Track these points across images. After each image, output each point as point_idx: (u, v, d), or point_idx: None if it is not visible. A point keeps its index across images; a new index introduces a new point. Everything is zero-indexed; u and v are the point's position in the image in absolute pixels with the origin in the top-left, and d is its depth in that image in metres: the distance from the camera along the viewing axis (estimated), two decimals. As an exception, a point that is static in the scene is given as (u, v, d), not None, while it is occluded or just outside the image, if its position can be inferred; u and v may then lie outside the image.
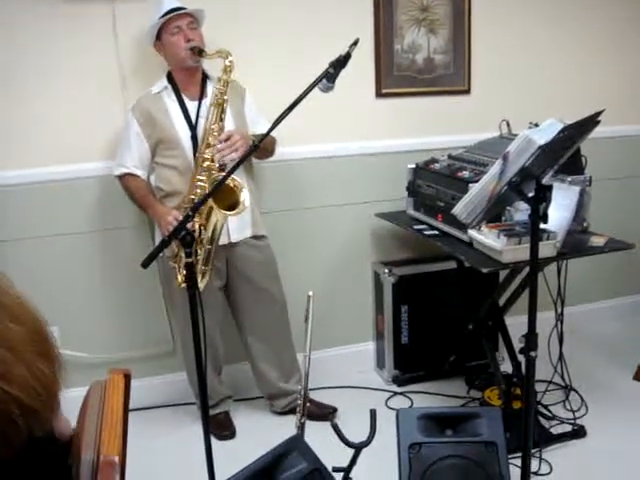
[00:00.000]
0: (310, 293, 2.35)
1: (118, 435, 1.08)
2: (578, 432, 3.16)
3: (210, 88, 3.10)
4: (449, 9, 3.65)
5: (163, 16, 2.96)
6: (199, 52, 2.95)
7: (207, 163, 2.91)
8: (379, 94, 3.65)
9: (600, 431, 3.17)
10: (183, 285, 2.95)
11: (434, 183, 3.29)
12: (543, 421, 3.24)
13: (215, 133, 2.92)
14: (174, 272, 3.01)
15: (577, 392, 3.46)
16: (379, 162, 3.68)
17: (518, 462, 2.47)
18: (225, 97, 2.93)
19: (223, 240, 3.05)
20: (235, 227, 3.09)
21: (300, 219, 3.61)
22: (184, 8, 2.99)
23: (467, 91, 3.79)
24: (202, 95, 3.09)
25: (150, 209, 3.07)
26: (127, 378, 1.27)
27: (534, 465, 2.73)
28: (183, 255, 2.86)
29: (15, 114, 3.16)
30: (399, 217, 3.56)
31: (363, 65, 3.51)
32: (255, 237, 3.20)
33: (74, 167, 3.26)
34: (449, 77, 3.74)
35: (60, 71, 3.17)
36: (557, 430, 3.20)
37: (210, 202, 2.74)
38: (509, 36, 3.80)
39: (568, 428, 3.20)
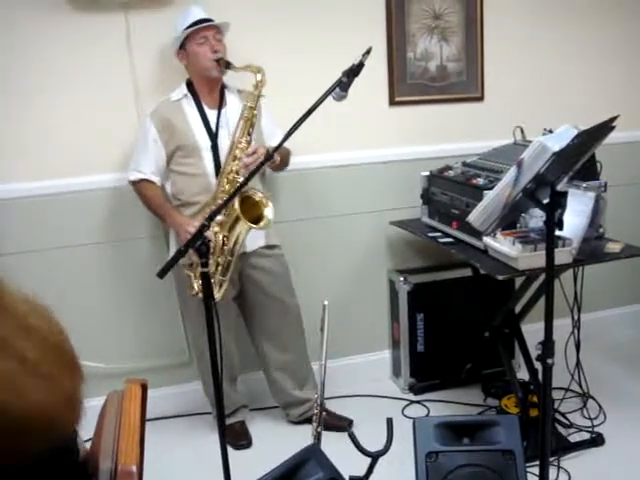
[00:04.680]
0: (325, 302, 2.35)
1: (136, 445, 1.08)
2: (596, 440, 3.13)
3: (229, 97, 3.12)
4: (461, 17, 3.65)
5: (190, 26, 2.97)
6: (226, 65, 2.97)
7: (232, 175, 2.92)
8: (392, 102, 3.65)
9: (618, 439, 3.15)
10: (199, 294, 2.96)
11: (448, 190, 3.29)
12: (561, 429, 3.21)
13: (241, 146, 2.93)
14: (189, 281, 3.01)
15: (595, 400, 3.44)
16: (393, 170, 3.68)
17: (536, 470, 2.45)
18: (255, 112, 2.95)
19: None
20: (249, 237, 3.09)
21: (315, 228, 3.61)
22: (211, 20, 3.01)
23: (480, 98, 3.78)
24: (221, 104, 3.11)
25: (168, 217, 3.07)
26: (144, 388, 1.27)
27: (552, 473, 2.70)
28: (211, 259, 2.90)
29: (27, 126, 3.18)
30: (414, 225, 3.55)
31: (376, 73, 3.52)
32: (267, 247, 3.21)
33: (88, 179, 3.28)
34: (462, 84, 3.74)
35: (73, 83, 3.19)
36: (575, 438, 3.17)
37: (238, 212, 2.80)
38: (522, 43, 3.79)
39: (586, 436, 3.17)
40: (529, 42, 3.81)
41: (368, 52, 2.42)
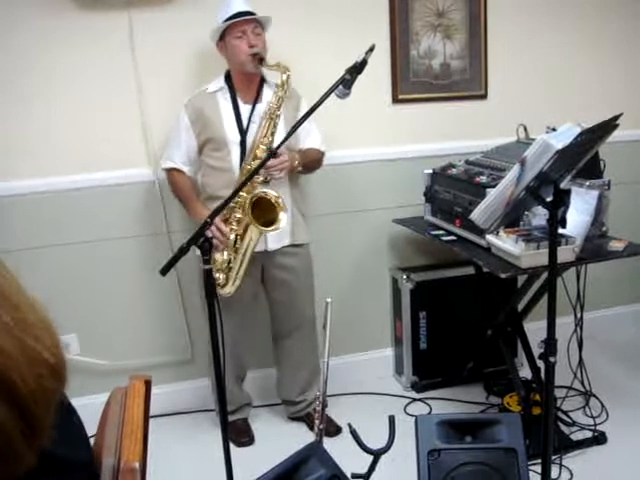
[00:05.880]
0: (328, 300, 2.35)
1: (139, 441, 1.08)
2: (598, 438, 3.14)
3: (266, 92, 3.09)
4: (465, 14, 3.65)
5: (230, 19, 2.94)
6: (260, 61, 2.95)
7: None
8: (395, 100, 3.65)
9: (621, 437, 3.15)
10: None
11: (451, 188, 3.29)
12: (563, 427, 3.22)
13: (263, 146, 2.91)
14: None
15: (597, 398, 3.44)
16: (396, 168, 3.68)
17: (538, 469, 2.46)
18: (278, 112, 2.93)
19: (259, 247, 3.05)
20: (273, 236, 3.07)
21: (318, 226, 3.60)
22: (252, 13, 2.96)
23: (484, 96, 3.78)
24: (257, 99, 3.08)
25: (191, 210, 3.08)
26: (147, 385, 1.27)
27: (554, 472, 2.71)
28: (218, 258, 2.93)
29: (30, 124, 3.18)
30: (416, 223, 3.55)
31: (379, 71, 3.52)
32: (293, 245, 3.19)
33: (91, 176, 3.28)
34: (466, 82, 3.74)
35: (75, 81, 3.19)
36: (577, 436, 3.17)
37: (249, 215, 2.84)
38: (525, 40, 3.79)
39: (588, 434, 3.17)
40: (533, 40, 3.80)
41: (371, 49, 2.42)
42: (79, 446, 1.09)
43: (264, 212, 2.89)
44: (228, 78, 3.10)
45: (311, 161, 3.18)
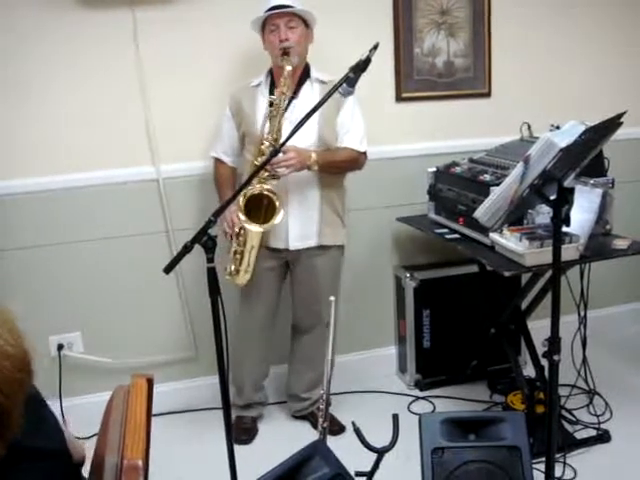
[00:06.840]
0: (332, 298, 2.35)
1: (141, 439, 1.08)
2: (602, 437, 3.13)
3: (305, 88, 3.04)
4: (469, 12, 3.64)
5: (265, 12, 2.93)
6: (284, 54, 2.91)
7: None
8: (399, 98, 3.64)
9: (625, 436, 3.14)
10: (227, 277, 2.99)
11: (455, 186, 3.28)
12: (567, 425, 3.21)
13: (268, 143, 2.88)
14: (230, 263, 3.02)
15: (601, 396, 3.43)
16: (400, 166, 3.67)
17: (542, 467, 2.46)
18: (281, 109, 2.88)
19: (279, 244, 3.07)
20: (296, 235, 3.07)
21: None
22: (288, 6, 2.92)
23: (487, 94, 3.77)
24: (294, 95, 3.01)
25: (221, 200, 3.07)
26: (150, 383, 1.28)
27: (558, 470, 2.70)
28: (234, 245, 2.97)
29: (35, 123, 3.18)
30: (420, 221, 3.55)
31: (383, 69, 3.51)
32: (321, 247, 3.15)
33: (94, 174, 3.27)
34: (469, 80, 3.73)
35: (80, 80, 3.19)
36: (581, 435, 3.17)
37: (241, 212, 2.86)
38: (529, 38, 3.77)
39: (592, 432, 3.17)
40: (537, 38, 3.79)
41: (375, 47, 2.41)
42: (51, 436, 1.09)
43: (271, 209, 2.90)
44: (271, 73, 3.10)
45: (339, 161, 3.08)
